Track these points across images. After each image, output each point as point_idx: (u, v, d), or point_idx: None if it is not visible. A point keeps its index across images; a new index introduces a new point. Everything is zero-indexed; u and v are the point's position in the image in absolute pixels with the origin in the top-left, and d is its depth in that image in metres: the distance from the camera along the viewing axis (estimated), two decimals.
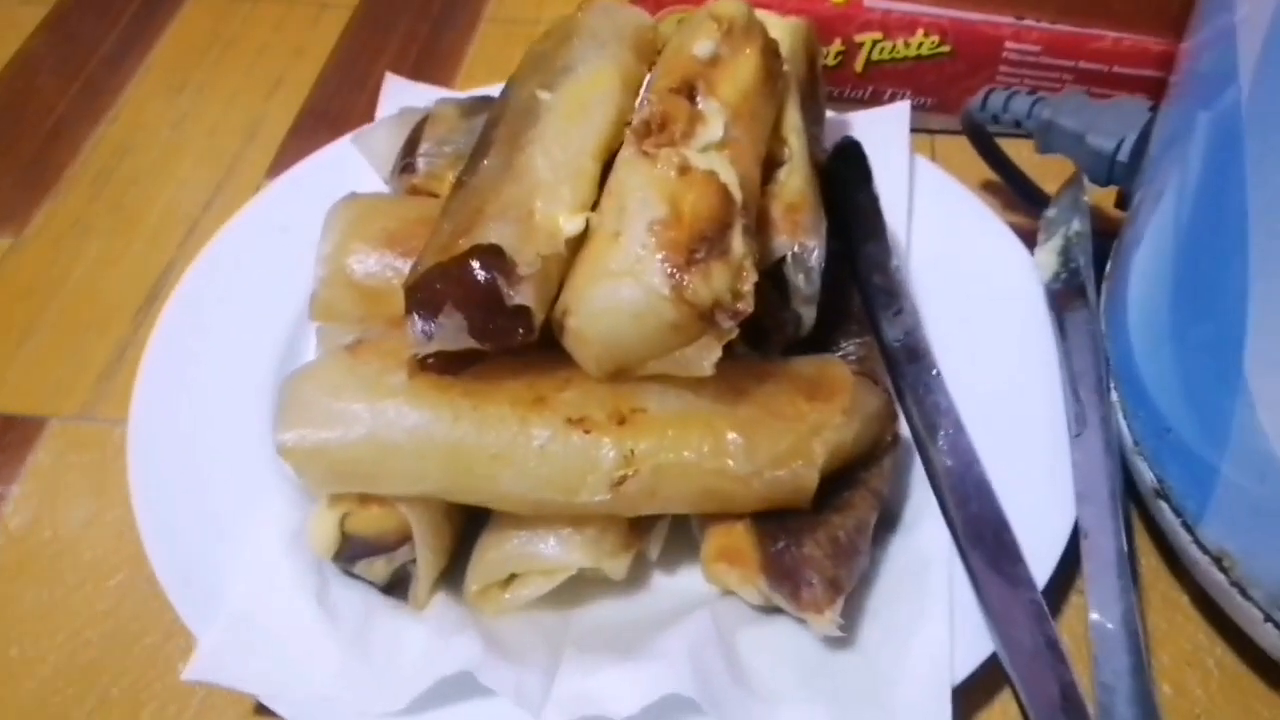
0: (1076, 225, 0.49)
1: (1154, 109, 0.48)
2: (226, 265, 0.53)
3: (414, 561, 0.42)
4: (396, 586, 0.43)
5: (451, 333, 0.38)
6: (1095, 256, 0.49)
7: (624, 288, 0.37)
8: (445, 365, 0.40)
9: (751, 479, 0.40)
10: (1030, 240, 0.52)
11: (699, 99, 0.41)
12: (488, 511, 0.43)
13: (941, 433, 0.42)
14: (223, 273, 0.53)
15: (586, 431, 0.39)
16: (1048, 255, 0.50)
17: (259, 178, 0.63)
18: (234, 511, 0.44)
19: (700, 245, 0.37)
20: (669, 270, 0.37)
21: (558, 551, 0.41)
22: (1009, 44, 0.59)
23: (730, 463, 0.39)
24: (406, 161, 0.49)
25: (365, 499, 0.41)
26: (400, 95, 0.59)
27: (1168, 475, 0.41)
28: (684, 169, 0.39)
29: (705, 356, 0.38)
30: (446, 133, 0.49)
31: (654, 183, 0.39)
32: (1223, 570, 0.38)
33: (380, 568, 0.42)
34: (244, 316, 0.51)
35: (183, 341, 0.50)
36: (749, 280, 0.38)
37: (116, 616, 0.46)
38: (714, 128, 0.40)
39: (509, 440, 0.39)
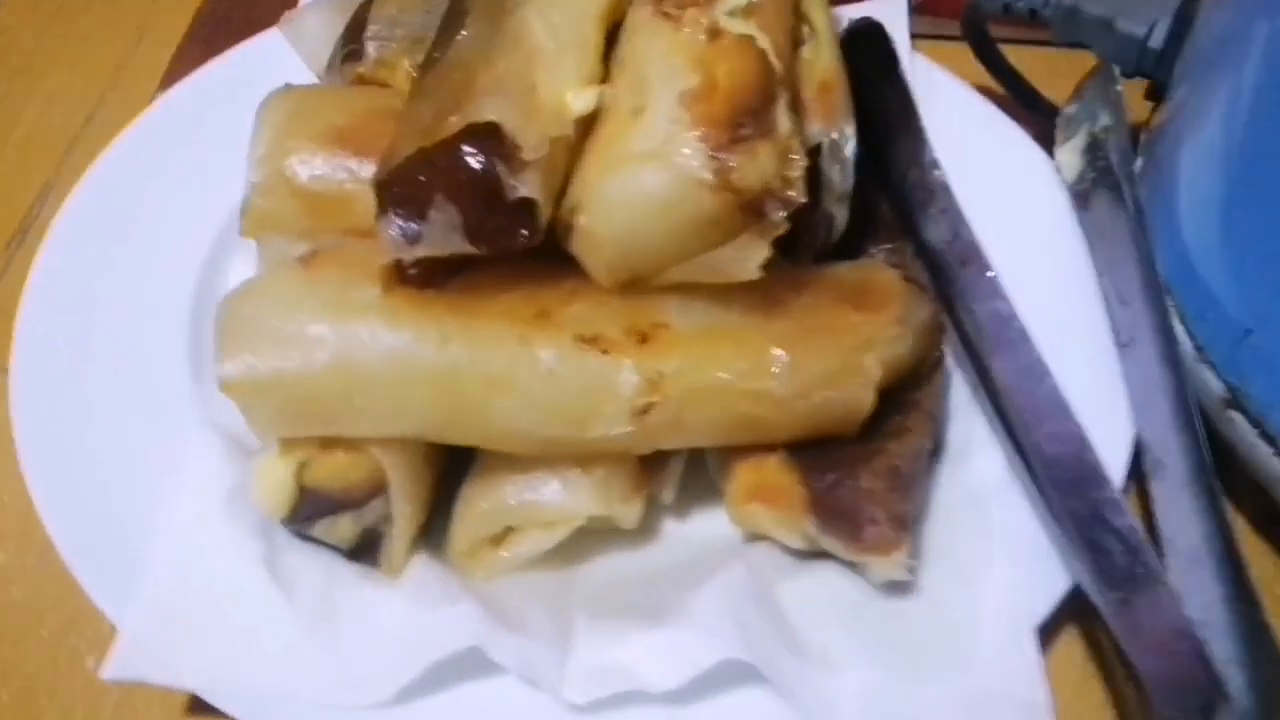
0: (1105, 119, 0.44)
1: None
2: (126, 181, 0.45)
3: (386, 518, 0.35)
4: (364, 550, 0.36)
5: (441, 233, 0.31)
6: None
7: (649, 173, 0.31)
8: (427, 276, 0.33)
9: (795, 402, 0.34)
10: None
11: None
12: (469, 453, 0.36)
13: (1006, 343, 0.37)
14: (121, 190, 0.45)
15: (604, 351, 0.33)
16: (1070, 155, 0.45)
17: (151, 89, 0.54)
18: (150, 468, 0.37)
19: (745, 120, 0.31)
20: (709, 150, 0.30)
21: (563, 498, 0.35)
22: None
23: (773, 384, 0.33)
24: (351, 48, 0.41)
25: (328, 443, 0.34)
26: None
27: (1246, 382, 0.36)
28: (714, 32, 0.32)
29: (750, 257, 0.32)
30: (399, 11, 0.41)
31: (680, 48, 0.32)
32: None
33: (345, 528, 0.35)
34: (150, 238, 0.43)
35: (74, 271, 0.43)
36: (799, 165, 0.32)
37: (3, 604, 0.38)
38: None
39: (508, 364, 0.33)
